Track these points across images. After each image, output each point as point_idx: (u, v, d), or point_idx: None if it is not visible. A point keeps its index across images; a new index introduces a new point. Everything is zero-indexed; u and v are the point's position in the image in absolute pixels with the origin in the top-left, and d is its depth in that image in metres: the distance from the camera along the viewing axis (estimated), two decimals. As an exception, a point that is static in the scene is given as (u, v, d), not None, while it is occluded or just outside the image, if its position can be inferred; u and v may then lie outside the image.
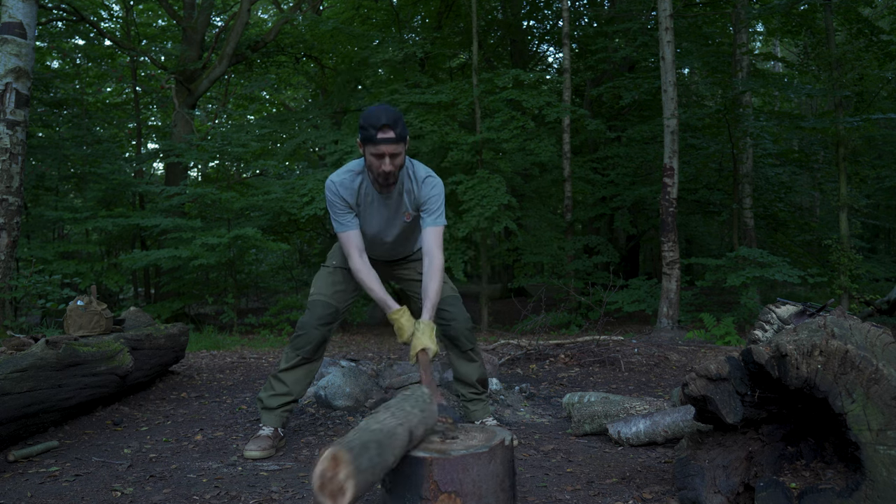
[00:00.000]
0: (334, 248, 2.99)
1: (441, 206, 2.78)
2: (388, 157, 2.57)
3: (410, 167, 2.77)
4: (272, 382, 2.89)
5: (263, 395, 2.90)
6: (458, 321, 2.92)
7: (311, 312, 2.84)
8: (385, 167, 2.59)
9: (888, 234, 17.07)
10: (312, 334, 2.83)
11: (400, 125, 2.56)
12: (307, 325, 2.83)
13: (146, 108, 14.88)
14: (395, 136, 2.54)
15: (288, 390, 2.86)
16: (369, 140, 2.55)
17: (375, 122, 2.52)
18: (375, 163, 2.60)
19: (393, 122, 2.53)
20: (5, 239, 5.70)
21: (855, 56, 9.96)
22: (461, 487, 1.81)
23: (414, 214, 2.82)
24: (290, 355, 2.86)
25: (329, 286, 2.88)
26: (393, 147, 2.56)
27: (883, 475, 1.70)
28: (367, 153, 2.61)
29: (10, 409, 2.64)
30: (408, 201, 2.78)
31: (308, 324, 2.83)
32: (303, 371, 2.88)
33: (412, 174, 2.76)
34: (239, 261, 9.20)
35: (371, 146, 2.57)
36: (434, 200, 2.76)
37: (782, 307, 2.80)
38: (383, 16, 13.19)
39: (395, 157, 2.59)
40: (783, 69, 13.08)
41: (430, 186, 2.76)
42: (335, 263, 2.92)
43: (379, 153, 2.57)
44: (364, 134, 2.56)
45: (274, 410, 2.85)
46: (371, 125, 2.53)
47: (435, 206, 2.76)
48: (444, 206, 2.81)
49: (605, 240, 10.21)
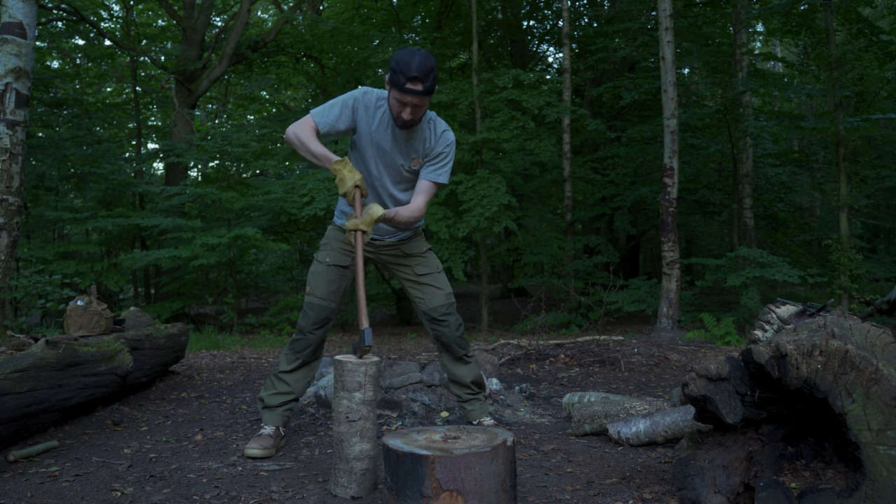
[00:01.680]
0: (326, 239, 2.90)
1: (447, 166, 2.71)
2: (411, 107, 2.52)
3: (432, 119, 2.73)
4: (273, 382, 2.89)
5: (264, 395, 2.90)
6: (449, 329, 2.88)
7: (307, 317, 2.83)
8: (405, 115, 2.54)
9: (888, 234, 17.07)
10: (310, 339, 2.84)
11: (431, 78, 2.49)
12: (304, 329, 2.83)
13: (146, 108, 14.87)
14: (423, 90, 2.48)
15: (290, 389, 2.86)
16: (396, 85, 2.49)
17: (407, 71, 2.45)
18: (397, 107, 2.55)
19: (424, 74, 2.46)
20: (5, 239, 5.70)
21: (855, 56, 9.95)
22: (463, 486, 1.81)
23: (420, 164, 2.74)
24: (289, 357, 2.87)
25: (324, 286, 2.83)
26: (418, 99, 2.50)
27: (883, 475, 1.70)
28: (391, 95, 2.55)
29: (10, 409, 2.64)
30: (420, 148, 2.71)
31: (305, 329, 2.83)
32: (303, 371, 2.89)
33: (433, 126, 2.71)
34: (239, 261, 9.21)
35: (396, 92, 2.50)
36: (443, 156, 2.71)
37: (782, 307, 2.80)
38: (383, 16, 13.19)
39: (418, 109, 2.55)
40: (783, 69, 13.09)
41: (446, 142, 2.71)
42: (329, 261, 2.86)
43: (403, 101, 2.51)
44: (393, 78, 2.49)
45: (275, 409, 2.85)
46: (402, 72, 2.46)
47: (441, 161, 2.71)
48: (450, 170, 2.74)
49: (605, 240, 10.21)
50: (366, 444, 2.24)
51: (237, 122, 14.56)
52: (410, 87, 2.46)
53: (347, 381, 2.24)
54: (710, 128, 10.86)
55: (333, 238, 2.87)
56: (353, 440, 2.23)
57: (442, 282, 2.91)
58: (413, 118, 2.56)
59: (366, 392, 2.25)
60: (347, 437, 2.23)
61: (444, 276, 2.94)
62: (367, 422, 2.25)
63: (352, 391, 2.24)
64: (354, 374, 2.24)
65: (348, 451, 2.23)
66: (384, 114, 2.67)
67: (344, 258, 2.84)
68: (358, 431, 2.23)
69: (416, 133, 2.69)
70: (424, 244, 2.94)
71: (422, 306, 2.91)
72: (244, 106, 14.91)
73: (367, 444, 2.25)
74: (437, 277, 2.91)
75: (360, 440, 2.23)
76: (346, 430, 2.24)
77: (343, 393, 2.25)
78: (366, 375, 2.25)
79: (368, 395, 2.25)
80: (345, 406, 2.24)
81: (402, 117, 2.56)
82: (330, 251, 2.86)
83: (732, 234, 9.55)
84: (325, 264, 2.85)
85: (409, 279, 2.93)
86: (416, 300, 2.94)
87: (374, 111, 2.67)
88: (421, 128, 2.69)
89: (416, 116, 2.57)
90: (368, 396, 2.25)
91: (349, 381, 2.24)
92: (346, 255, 2.83)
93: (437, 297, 2.87)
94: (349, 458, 2.23)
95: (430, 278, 2.89)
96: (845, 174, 9.05)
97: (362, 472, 2.23)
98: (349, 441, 2.23)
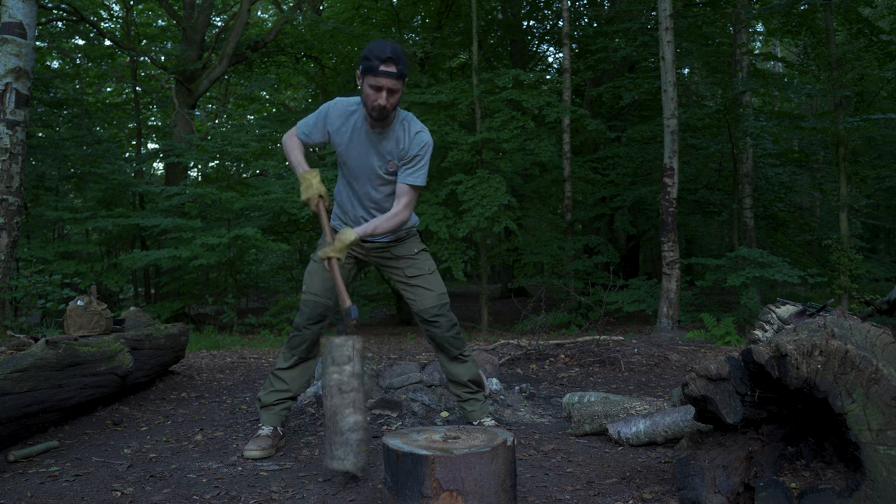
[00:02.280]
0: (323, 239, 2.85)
1: (423, 167, 2.70)
2: (385, 91, 2.53)
3: (406, 119, 2.73)
4: (271, 380, 2.90)
5: (262, 394, 2.90)
6: (441, 329, 2.86)
7: (302, 313, 2.84)
8: (381, 101, 2.54)
9: (888, 234, 17.07)
10: (305, 334, 2.84)
11: (402, 63, 2.53)
12: (300, 325, 2.84)
13: (146, 108, 14.88)
14: (397, 72, 2.51)
15: (287, 387, 2.87)
16: (370, 70, 2.51)
17: (380, 54, 2.49)
18: (372, 95, 2.55)
19: (397, 57, 2.50)
20: (5, 239, 5.70)
21: (855, 56, 9.96)
22: (463, 486, 1.81)
23: (397, 166, 2.73)
24: (286, 355, 2.88)
25: (320, 283, 2.82)
26: (392, 82, 2.52)
27: (883, 475, 1.70)
28: (365, 84, 2.56)
29: (10, 409, 2.64)
30: (394, 150, 2.71)
31: (300, 325, 2.84)
32: (300, 369, 2.90)
33: (407, 126, 2.71)
34: (239, 261, 9.21)
35: (371, 77, 2.52)
36: (418, 159, 2.69)
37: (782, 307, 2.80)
38: (383, 16, 13.19)
39: (393, 94, 2.55)
40: (783, 69, 13.09)
41: (420, 144, 2.69)
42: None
43: (378, 85, 2.52)
44: (366, 64, 2.52)
45: (272, 408, 2.86)
46: (375, 56, 2.50)
47: (417, 164, 2.69)
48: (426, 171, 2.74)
49: (605, 240, 10.21)
50: (359, 416, 2.28)
51: (237, 122, 14.56)
52: (384, 68, 2.50)
53: (337, 356, 2.30)
54: (710, 128, 10.87)
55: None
56: (346, 412, 2.26)
57: (434, 283, 2.89)
58: (387, 105, 2.55)
59: (355, 365, 2.31)
60: (341, 409, 2.27)
61: (436, 278, 2.92)
62: (358, 393, 2.29)
63: (342, 364, 2.30)
64: (343, 348, 2.31)
65: (342, 423, 2.26)
66: (357, 119, 2.70)
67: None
68: (351, 403, 2.27)
69: (389, 134, 2.70)
70: (417, 245, 2.93)
71: (414, 307, 2.92)
72: (244, 106, 14.92)
73: (360, 416, 2.28)
74: (428, 279, 2.89)
75: (353, 411, 2.27)
76: (339, 402, 2.28)
77: (333, 367, 2.30)
78: (353, 349, 2.31)
79: (357, 368, 2.31)
80: (336, 379, 2.29)
81: (377, 105, 2.55)
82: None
83: (732, 234, 9.55)
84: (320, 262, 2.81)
85: (400, 280, 2.94)
86: (408, 301, 2.96)
87: (346, 118, 2.71)
88: (394, 128, 2.70)
89: (390, 104, 2.56)
90: (357, 370, 2.31)
91: (338, 355, 2.31)
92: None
93: (428, 299, 2.86)
94: (344, 430, 2.26)
95: (421, 280, 2.88)
96: (845, 174, 9.05)
97: (357, 442, 2.26)
98: (342, 413, 2.27)
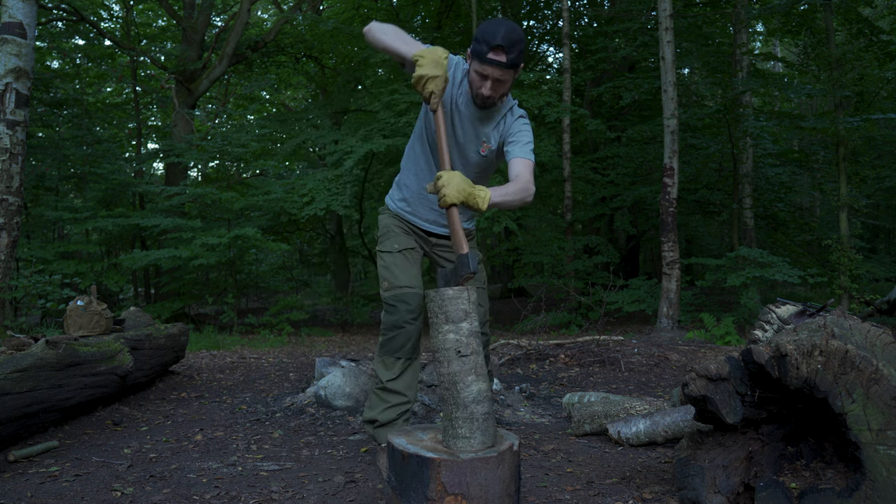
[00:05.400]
0: (384, 229, 2.62)
1: (532, 142, 2.39)
2: (491, 80, 2.26)
3: (514, 107, 2.45)
4: (382, 396, 2.50)
5: (376, 414, 2.50)
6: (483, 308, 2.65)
7: (399, 310, 2.46)
8: (485, 90, 2.28)
9: (888, 234, 17.08)
10: (410, 331, 2.46)
11: (516, 51, 2.21)
12: (400, 322, 2.45)
13: (146, 108, 14.89)
14: (507, 62, 2.22)
15: (405, 398, 2.50)
16: (478, 56, 2.24)
17: (490, 40, 2.19)
18: (477, 81, 2.29)
19: (509, 44, 2.19)
20: (5, 239, 5.70)
21: (855, 56, 9.96)
22: (468, 490, 1.79)
23: (493, 150, 2.46)
24: (389, 362, 2.48)
25: (405, 273, 2.51)
26: (500, 72, 2.24)
27: (883, 475, 1.70)
28: (471, 67, 2.30)
29: (10, 409, 2.64)
30: (494, 133, 2.43)
31: (401, 321, 2.45)
32: (409, 373, 2.51)
33: (511, 110, 2.45)
34: (239, 261, 9.21)
35: (477, 63, 2.25)
36: (525, 133, 2.39)
37: (782, 307, 2.80)
38: (383, 16, 13.19)
39: (500, 84, 2.28)
40: (783, 69, 13.09)
41: (523, 123, 2.42)
42: (398, 247, 2.56)
43: (483, 73, 2.25)
44: (475, 47, 2.25)
45: (395, 423, 2.49)
46: (485, 41, 2.21)
47: (526, 139, 2.37)
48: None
49: (605, 240, 10.22)
50: (482, 384, 1.90)
51: (237, 122, 14.58)
52: (492, 57, 2.21)
53: (451, 312, 1.89)
54: (710, 128, 10.87)
55: (392, 224, 2.62)
56: (468, 379, 1.87)
57: (485, 298, 2.68)
58: (493, 95, 2.30)
59: (472, 322, 1.91)
60: (462, 376, 1.87)
61: (486, 293, 2.71)
62: (479, 356, 1.91)
63: (457, 322, 1.89)
64: (458, 300, 1.89)
65: (465, 393, 1.87)
66: (464, 90, 2.42)
67: (409, 240, 2.60)
68: (472, 368, 1.88)
69: (493, 116, 2.42)
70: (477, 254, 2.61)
71: None
72: (244, 106, 14.93)
73: (484, 384, 1.90)
74: (482, 293, 2.66)
75: (475, 378, 1.88)
76: (458, 368, 1.88)
77: (448, 326, 1.89)
78: (469, 303, 1.91)
79: (475, 325, 1.92)
80: (453, 340, 1.88)
81: (481, 93, 2.29)
82: (394, 237, 2.59)
83: (732, 234, 9.55)
84: (396, 251, 2.56)
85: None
86: None
87: (458, 77, 2.42)
88: (500, 111, 2.42)
89: (496, 93, 2.30)
90: (475, 327, 1.92)
91: (453, 310, 1.89)
92: (410, 237, 2.61)
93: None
94: (467, 403, 1.86)
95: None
96: (845, 174, 9.05)
97: (484, 416, 1.88)
98: (464, 381, 1.87)
